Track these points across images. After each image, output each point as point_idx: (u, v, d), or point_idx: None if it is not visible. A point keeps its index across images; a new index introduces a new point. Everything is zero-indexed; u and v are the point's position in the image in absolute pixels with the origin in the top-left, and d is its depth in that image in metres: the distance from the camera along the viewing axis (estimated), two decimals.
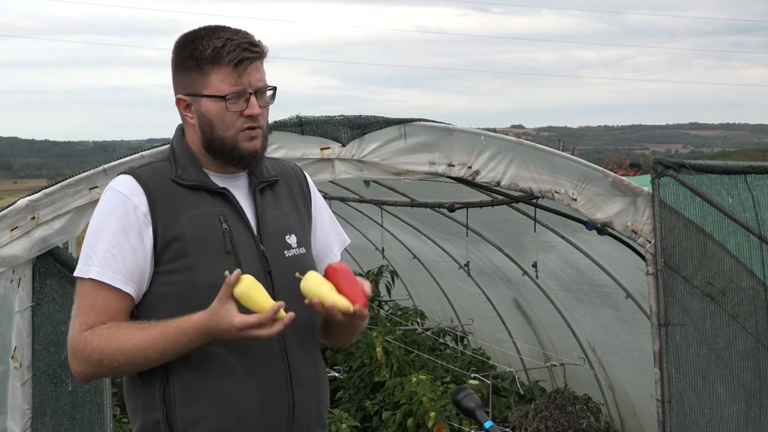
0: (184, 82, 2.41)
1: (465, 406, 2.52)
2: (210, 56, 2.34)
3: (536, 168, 4.39)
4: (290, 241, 2.45)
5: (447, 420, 6.17)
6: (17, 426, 3.87)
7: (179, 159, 2.41)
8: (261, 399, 2.35)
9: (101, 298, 2.32)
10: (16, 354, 3.87)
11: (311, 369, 2.45)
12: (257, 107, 2.38)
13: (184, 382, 2.32)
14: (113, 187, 2.38)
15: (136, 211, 2.32)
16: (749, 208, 4.45)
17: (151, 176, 2.38)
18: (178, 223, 2.33)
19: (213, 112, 2.37)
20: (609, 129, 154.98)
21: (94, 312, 2.31)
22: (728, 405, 4.44)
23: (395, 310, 9.97)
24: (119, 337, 2.27)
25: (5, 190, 50.59)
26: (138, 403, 2.39)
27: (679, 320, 4.37)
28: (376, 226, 8.68)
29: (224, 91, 2.35)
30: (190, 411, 2.32)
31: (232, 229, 2.37)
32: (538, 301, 7.68)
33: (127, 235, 2.31)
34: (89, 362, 2.31)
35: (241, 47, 2.34)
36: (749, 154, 47.14)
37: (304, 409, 2.41)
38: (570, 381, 7.38)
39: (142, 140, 69.73)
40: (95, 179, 3.96)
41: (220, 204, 2.39)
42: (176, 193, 2.36)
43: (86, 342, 2.30)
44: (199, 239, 2.32)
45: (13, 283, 3.87)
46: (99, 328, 2.30)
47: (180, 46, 2.40)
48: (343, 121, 4.24)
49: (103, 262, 2.31)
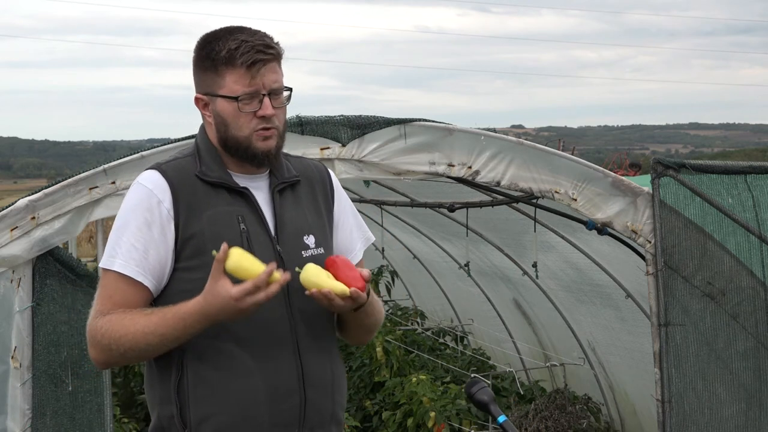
0: (202, 82, 2.46)
1: (479, 399, 2.51)
2: (224, 57, 2.39)
3: (536, 168, 4.39)
4: (308, 241, 2.48)
5: (447, 420, 6.17)
6: (17, 426, 3.87)
7: (203, 155, 2.47)
8: (272, 397, 2.38)
9: (120, 290, 2.37)
10: (16, 354, 3.87)
11: (326, 368, 2.47)
12: (270, 108, 2.41)
13: (198, 377, 2.37)
14: (139, 181, 2.43)
15: (160, 207, 2.38)
16: (749, 208, 4.45)
17: (177, 172, 2.43)
18: (198, 220, 2.38)
19: (227, 113, 2.42)
20: (609, 129, 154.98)
21: (111, 302, 2.37)
22: (728, 405, 4.45)
23: (395, 310, 9.97)
24: (125, 322, 2.32)
25: (5, 190, 50.59)
26: (155, 397, 2.44)
27: (679, 320, 4.37)
28: (376, 226, 8.68)
29: (237, 92, 2.39)
30: (202, 407, 2.37)
31: (249, 229, 2.40)
32: (538, 301, 7.68)
33: (151, 229, 2.37)
34: (101, 348, 2.36)
35: (255, 49, 2.38)
36: (749, 154, 47.15)
37: (316, 409, 2.43)
38: (570, 381, 7.38)
39: (142, 140, 69.73)
40: (95, 179, 3.96)
41: (240, 203, 2.43)
42: (199, 189, 2.41)
43: (97, 328, 2.35)
44: (216, 238, 2.35)
45: (13, 283, 3.87)
46: (110, 315, 2.35)
47: (199, 46, 2.46)
48: (343, 121, 4.24)
49: (127, 256, 2.36)
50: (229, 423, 2.36)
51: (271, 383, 2.38)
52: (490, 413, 2.49)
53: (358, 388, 7.72)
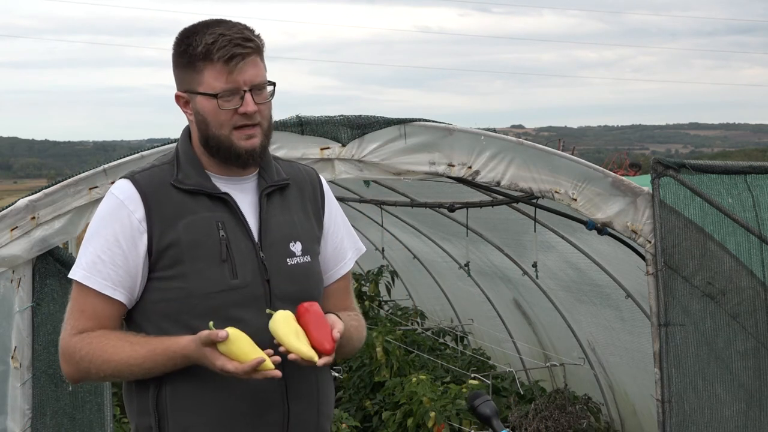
0: (181, 79, 2.36)
1: (481, 412, 2.50)
2: (201, 53, 2.27)
3: (536, 168, 4.39)
4: (294, 248, 2.38)
5: (447, 420, 6.17)
6: (17, 426, 3.86)
7: (182, 162, 2.36)
8: (253, 410, 2.31)
9: (90, 303, 2.31)
10: (16, 354, 3.87)
11: (310, 379, 2.38)
12: (252, 105, 2.29)
13: (177, 389, 2.30)
14: (112, 191, 2.35)
15: (131, 218, 2.29)
16: (749, 208, 4.45)
17: (150, 181, 2.33)
18: (174, 229, 2.29)
19: (207, 110, 2.31)
20: (609, 129, 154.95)
21: (84, 317, 2.31)
22: (728, 405, 4.44)
23: (395, 310, 9.97)
24: (107, 349, 2.26)
25: (5, 190, 50.58)
26: (133, 407, 2.38)
27: (679, 320, 4.37)
28: (376, 226, 8.68)
29: (216, 89, 2.28)
30: (181, 418, 2.30)
31: (230, 235, 2.31)
32: (538, 301, 7.68)
33: (119, 241, 2.29)
34: (78, 368, 2.32)
35: (232, 43, 2.26)
36: (749, 154, 47.18)
37: (300, 421, 2.36)
38: (570, 381, 7.38)
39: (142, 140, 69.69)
40: (95, 179, 3.96)
41: (220, 209, 2.33)
42: (174, 198, 2.32)
43: (75, 348, 2.30)
44: (194, 246, 2.28)
45: (13, 283, 3.87)
46: (88, 336, 2.28)
47: (177, 41, 2.35)
48: (343, 121, 4.23)
49: (92, 268, 2.29)
50: None
51: (252, 394, 2.29)
52: (492, 428, 2.48)
53: (358, 388, 7.72)
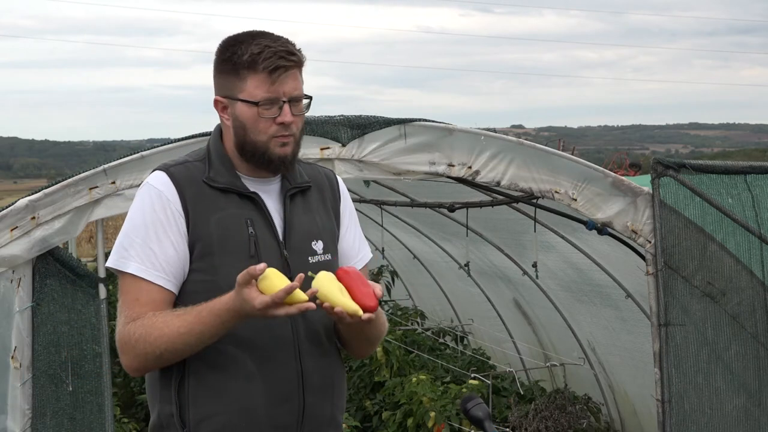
0: (222, 85, 2.46)
1: (474, 415, 2.54)
2: (246, 61, 2.38)
3: (536, 168, 4.39)
4: (316, 247, 2.49)
5: (447, 420, 6.17)
6: (17, 426, 3.87)
7: (213, 161, 2.46)
8: (271, 400, 2.39)
9: (144, 291, 2.37)
10: (16, 354, 3.87)
11: (325, 373, 2.48)
12: (290, 115, 2.42)
13: (199, 379, 2.38)
14: (149, 182, 2.43)
15: (172, 208, 2.38)
16: (749, 208, 4.45)
17: (184, 175, 2.43)
18: (206, 223, 2.38)
19: (247, 117, 2.41)
20: (609, 129, 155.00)
21: (139, 304, 2.37)
22: (728, 405, 4.45)
23: (395, 310, 9.97)
24: (158, 324, 2.32)
25: (5, 190, 50.58)
26: (155, 395, 2.45)
27: (679, 320, 4.38)
28: (376, 226, 8.68)
29: (258, 97, 2.39)
30: (202, 407, 2.38)
31: (258, 233, 2.41)
32: (538, 301, 7.68)
33: (166, 229, 2.37)
34: (135, 353, 2.35)
35: (277, 55, 2.38)
36: (749, 154, 47.20)
37: (314, 412, 2.45)
38: (570, 381, 7.38)
39: (142, 140, 69.68)
40: (95, 179, 3.96)
41: (249, 208, 2.44)
42: (207, 194, 2.41)
43: (130, 334, 2.35)
44: (225, 241, 2.38)
45: (13, 283, 3.87)
46: (141, 320, 2.35)
47: (221, 49, 2.45)
48: (343, 121, 4.24)
49: (144, 258, 2.36)
50: (228, 424, 2.38)
51: (270, 386, 2.39)
52: (484, 430, 2.52)
53: (358, 388, 7.72)
